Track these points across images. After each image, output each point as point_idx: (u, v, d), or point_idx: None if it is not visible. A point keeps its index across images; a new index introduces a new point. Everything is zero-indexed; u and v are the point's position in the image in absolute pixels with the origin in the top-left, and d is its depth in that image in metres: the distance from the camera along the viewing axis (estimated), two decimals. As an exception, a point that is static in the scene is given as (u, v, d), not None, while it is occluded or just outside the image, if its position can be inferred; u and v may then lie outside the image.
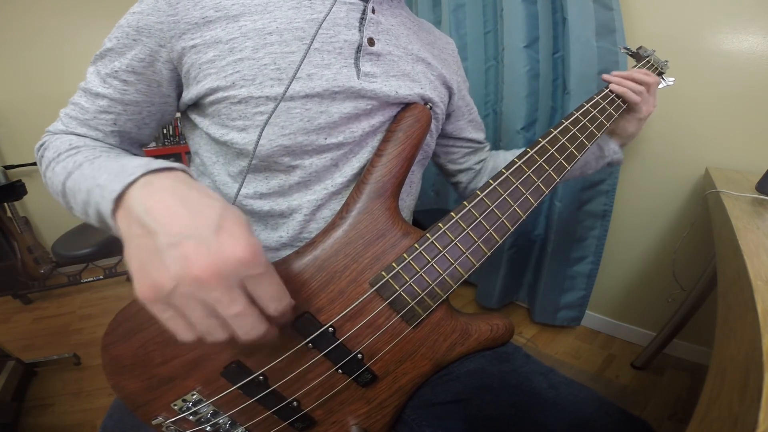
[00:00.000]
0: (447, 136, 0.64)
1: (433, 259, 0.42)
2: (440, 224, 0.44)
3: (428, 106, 0.50)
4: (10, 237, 1.68)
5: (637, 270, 1.29)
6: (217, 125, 0.44)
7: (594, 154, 0.66)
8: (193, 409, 0.40)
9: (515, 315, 1.54)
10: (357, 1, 0.45)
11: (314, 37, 0.40)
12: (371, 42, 0.45)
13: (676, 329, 1.13)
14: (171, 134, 2.11)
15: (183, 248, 0.27)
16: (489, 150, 0.70)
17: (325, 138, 0.44)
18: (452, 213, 0.44)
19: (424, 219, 0.61)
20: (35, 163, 0.48)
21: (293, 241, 0.47)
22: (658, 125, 1.10)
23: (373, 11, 0.46)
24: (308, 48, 0.40)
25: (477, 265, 0.44)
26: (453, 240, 0.43)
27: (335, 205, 0.47)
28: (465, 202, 0.45)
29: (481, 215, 0.44)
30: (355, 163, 0.47)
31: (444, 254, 0.43)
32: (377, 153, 0.46)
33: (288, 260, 0.42)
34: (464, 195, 0.71)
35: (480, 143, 0.67)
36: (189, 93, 0.44)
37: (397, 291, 0.41)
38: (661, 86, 0.70)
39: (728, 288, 0.46)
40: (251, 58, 0.41)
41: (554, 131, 0.52)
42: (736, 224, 0.56)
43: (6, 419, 1.06)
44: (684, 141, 1.09)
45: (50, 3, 1.84)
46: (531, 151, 0.49)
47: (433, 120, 0.53)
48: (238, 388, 0.39)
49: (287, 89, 0.40)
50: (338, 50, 0.43)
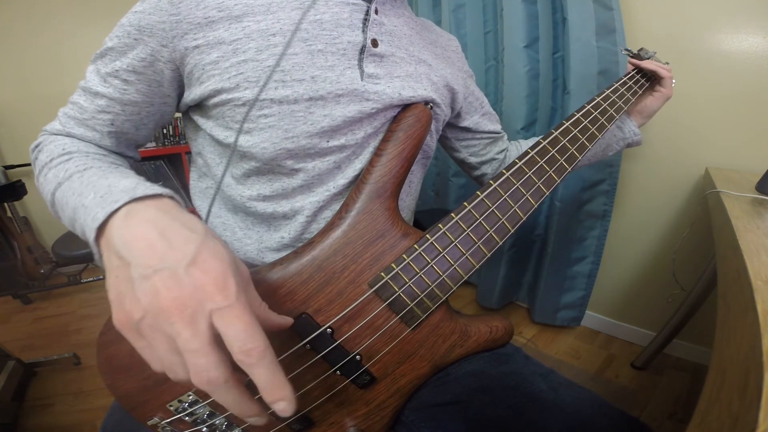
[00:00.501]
0: (467, 131, 0.65)
1: (433, 261, 0.42)
2: (440, 225, 0.43)
3: (429, 107, 0.50)
4: (10, 237, 1.69)
5: (637, 270, 1.29)
6: (221, 127, 0.44)
7: (615, 136, 0.69)
8: (189, 410, 0.40)
9: (515, 315, 1.53)
10: (360, 2, 0.45)
11: (294, 33, 0.40)
12: (375, 43, 0.45)
13: (676, 329, 1.13)
14: (171, 134, 2.11)
15: (154, 280, 0.27)
16: (507, 139, 0.72)
17: (328, 141, 0.44)
18: (452, 214, 0.44)
19: (424, 219, 0.61)
20: (33, 164, 0.48)
21: (294, 242, 0.47)
22: (659, 125, 1.10)
23: (376, 12, 0.46)
24: (285, 47, 0.39)
25: (477, 266, 0.44)
26: (453, 241, 0.43)
27: (337, 206, 0.47)
28: (465, 203, 0.45)
29: (482, 216, 0.44)
30: (357, 165, 0.47)
31: (444, 255, 0.43)
32: (377, 153, 0.46)
33: (286, 260, 0.41)
34: None
35: (498, 133, 0.69)
36: (191, 94, 0.44)
37: (396, 292, 0.41)
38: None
39: (728, 288, 0.46)
40: (255, 60, 0.40)
41: (555, 132, 0.51)
42: (736, 224, 0.56)
43: (6, 419, 1.06)
44: (684, 141, 1.09)
45: (50, 3, 1.84)
46: (532, 152, 0.49)
47: (434, 121, 0.53)
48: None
49: (261, 91, 0.40)
50: (342, 51, 0.43)
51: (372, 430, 0.44)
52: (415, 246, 0.42)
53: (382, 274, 0.41)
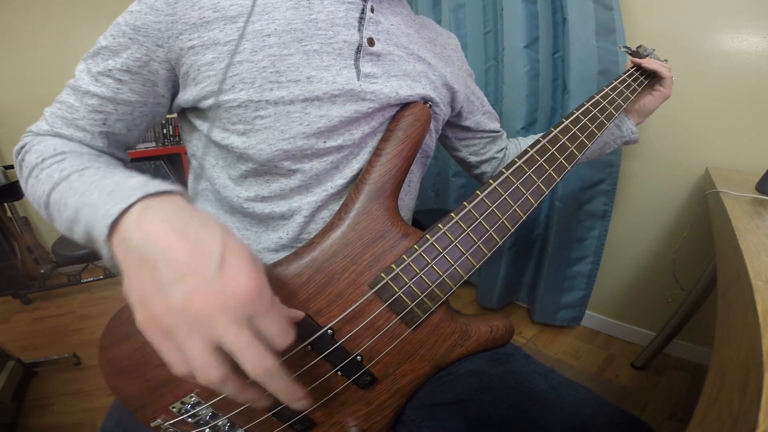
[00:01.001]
0: (468, 130, 0.65)
1: (433, 261, 0.42)
2: (440, 225, 0.43)
3: (428, 106, 0.50)
4: (10, 237, 1.69)
5: (637, 270, 1.29)
6: (218, 129, 0.44)
7: (613, 135, 0.69)
8: (192, 411, 0.40)
9: (515, 315, 1.54)
10: (356, 0, 0.45)
11: (243, 31, 0.39)
12: (371, 42, 0.45)
13: (676, 329, 1.13)
14: (171, 134, 2.11)
15: (186, 284, 0.27)
16: (506, 137, 0.72)
17: (325, 141, 0.44)
18: (452, 213, 0.44)
19: (424, 219, 0.61)
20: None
21: (293, 242, 0.47)
22: (658, 125, 1.10)
23: (372, 10, 0.45)
24: (235, 49, 0.39)
25: (477, 266, 0.44)
26: (453, 241, 0.43)
27: (335, 206, 0.47)
28: (465, 203, 0.45)
29: (482, 216, 0.44)
30: (355, 165, 0.47)
31: (444, 255, 0.43)
32: (376, 153, 0.46)
33: (286, 261, 0.41)
34: None
35: (497, 132, 0.69)
36: (186, 94, 0.43)
37: (397, 293, 0.41)
38: None
39: (728, 288, 0.46)
40: (250, 61, 0.40)
41: (554, 131, 0.51)
42: (736, 224, 0.56)
43: (6, 419, 1.06)
44: (684, 141, 1.09)
45: (50, 3, 1.84)
46: (531, 151, 0.49)
47: (433, 120, 0.53)
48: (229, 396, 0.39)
49: (220, 86, 0.40)
50: (338, 51, 0.43)
51: (373, 430, 0.44)
52: (415, 246, 0.42)
53: (383, 275, 0.41)
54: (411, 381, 0.43)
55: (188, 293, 0.27)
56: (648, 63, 0.67)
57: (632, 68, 0.69)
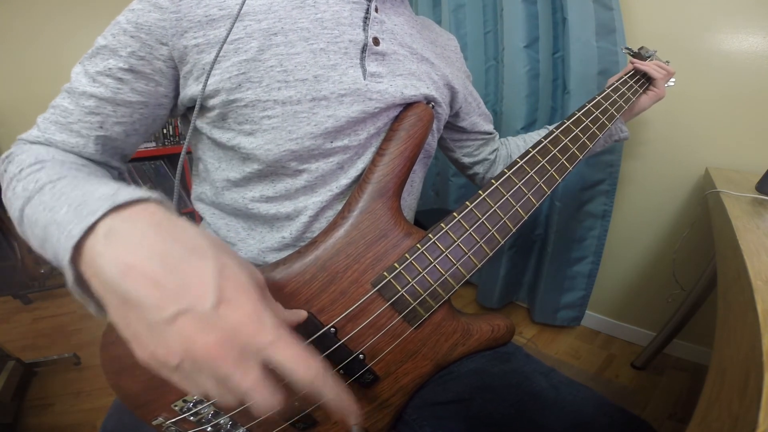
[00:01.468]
0: (463, 131, 0.65)
1: (436, 260, 0.42)
2: (442, 224, 0.44)
3: (431, 106, 0.50)
4: (10, 237, 1.68)
5: (637, 270, 1.30)
6: (223, 129, 0.43)
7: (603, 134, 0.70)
8: (194, 410, 0.40)
9: (515, 315, 1.54)
10: (360, 0, 0.45)
11: (230, 31, 0.38)
12: (376, 41, 0.45)
13: (676, 329, 1.13)
14: (171, 134, 2.11)
15: (181, 327, 0.24)
16: (498, 139, 0.73)
17: (332, 142, 0.44)
18: (454, 213, 0.44)
19: (425, 219, 0.61)
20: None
21: (296, 241, 0.47)
22: (659, 125, 1.10)
23: (377, 10, 0.46)
24: (221, 45, 0.38)
25: (479, 266, 0.44)
26: (455, 240, 0.43)
27: (339, 206, 0.47)
28: (467, 202, 0.45)
29: (484, 215, 0.44)
30: (360, 165, 0.47)
31: (446, 254, 0.43)
32: (379, 152, 0.46)
33: (289, 260, 0.42)
34: (483, 185, 0.74)
35: (491, 134, 0.69)
36: (188, 93, 0.43)
37: (399, 291, 0.41)
38: (667, 84, 0.72)
39: (728, 288, 0.46)
40: (257, 60, 0.40)
41: (556, 131, 0.52)
42: (736, 224, 0.56)
43: (6, 419, 1.06)
44: (684, 141, 1.09)
45: (50, 3, 1.84)
46: (533, 151, 0.49)
47: (435, 119, 0.53)
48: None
49: (204, 86, 0.39)
50: (344, 50, 0.43)
51: (375, 429, 0.44)
52: (418, 245, 0.43)
53: (385, 274, 0.41)
54: (413, 380, 0.44)
55: (186, 336, 0.24)
56: (639, 65, 0.69)
57: (632, 70, 0.69)
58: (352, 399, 0.28)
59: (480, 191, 0.45)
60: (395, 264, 0.42)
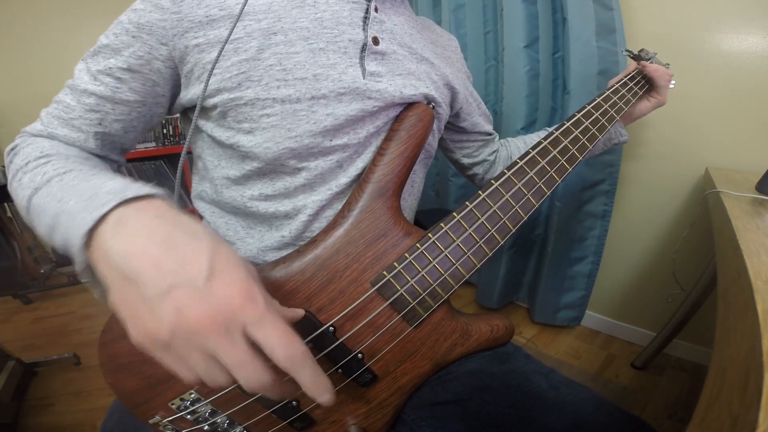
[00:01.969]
0: (464, 132, 0.65)
1: (435, 259, 0.42)
2: (442, 224, 0.44)
3: (431, 106, 0.50)
4: (10, 237, 1.69)
5: (637, 270, 1.29)
6: (223, 128, 0.44)
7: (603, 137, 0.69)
8: (191, 408, 0.40)
9: (515, 315, 1.54)
10: (360, 0, 0.45)
11: (231, 32, 0.38)
12: (376, 41, 0.45)
13: (676, 329, 1.13)
14: (171, 134, 2.11)
15: (174, 299, 0.26)
16: (498, 140, 0.73)
17: (331, 140, 0.44)
18: (454, 213, 0.44)
19: (424, 219, 0.61)
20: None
21: (295, 240, 0.47)
22: (659, 125, 1.10)
23: (376, 10, 0.46)
24: (223, 45, 0.38)
25: (478, 266, 0.44)
26: (455, 240, 0.43)
27: (339, 205, 0.47)
28: (467, 202, 0.45)
29: (483, 215, 0.44)
30: (359, 164, 0.47)
31: (446, 254, 0.43)
32: (379, 152, 0.46)
33: (289, 259, 0.42)
34: (481, 186, 0.74)
35: (491, 134, 0.69)
36: (189, 93, 0.43)
37: (399, 291, 0.41)
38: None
39: (728, 288, 0.46)
40: (256, 59, 0.40)
41: (556, 132, 0.52)
42: (736, 224, 0.56)
43: (6, 419, 1.06)
44: (684, 141, 1.09)
45: (50, 3, 1.84)
46: (533, 152, 0.49)
47: (436, 120, 0.53)
48: (237, 387, 0.39)
49: (206, 87, 0.39)
50: (343, 50, 0.43)
51: (373, 429, 0.44)
52: (417, 245, 0.43)
53: (385, 273, 0.41)
54: (411, 380, 0.44)
55: (178, 308, 0.26)
56: (648, 68, 0.67)
57: (634, 71, 0.69)
58: (330, 385, 0.30)
59: (480, 191, 0.45)
60: (395, 263, 0.42)
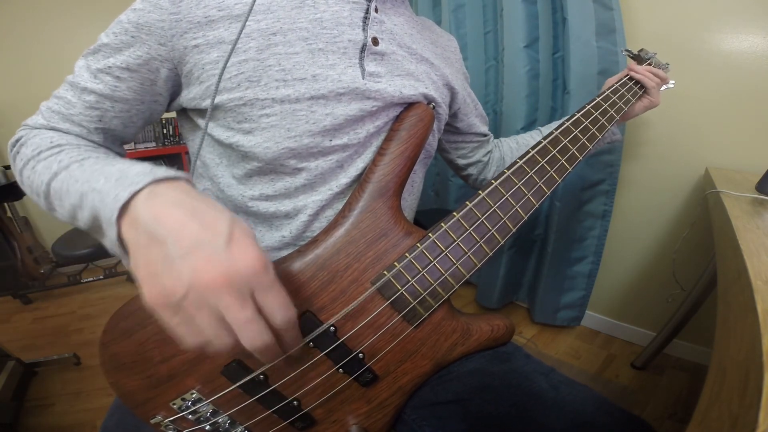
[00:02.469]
0: (459, 133, 0.65)
1: (435, 259, 0.42)
2: (442, 224, 0.44)
3: (431, 106, 0.50)
4: (10, 237, 1.68)
5: (637, 270, 1.29)
6: (222, 128, 0.44)
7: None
8: (193, 408, 0.40)
9: (515, 315, 1.54)
10: (360, 0, 0.45)
11: (248, 16, 0.39)
12: (375, 41, 0.45)
13: (676, 329, 1.13)
14: (171, 134, 2.11)
15: (194, 258, 0.28)
16: (492, 140, 0.73)
17: (330, 140, 0.44)
18: (454, 213, 0.44)
19: (424, 219, 0.61)
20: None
21: (296, 240, 0.47)
22: (659, 125, 1.10)
23: (376, 10, 0.46)
24: (232, 47, 0.39)
25: (479, 265, 0.44)
26: (455, 240, 0.43)
27: (339, 206, 0.47)
28: (467, 202, 0.45)
29: (484, 215, 0.44)
30: (360, 164, 0.47)
31: (446, 254, 0.43)
32: (380, 152, 0.46)
33: (289, 259, 0.42)
34: (475, 185, 0.75)
35: (486, 136, 0.70)
36: (189, 93, 0.44)
37: (399, 290, 0.41)
38: (662, 88, 0.72)
39: (728, 288, 0.46)
40: (256, 59, 0.40)
41: (556, 131, 0.52)
42: (736, 224, 0.56)
43: (6, 419, 1.06)
44: (684, 141, 1.09)
45: (50, 3, 1.84)
46: (533, 152, 0.49)
47: (435, 120, 0.53)
48: (238, 387, 0.39)
49: (216, 90, 0.40)
50: (343, 50, 0.43)
51: (374, 429, 0.44)
52: (418, 245, 0.43)
53: (385, 273, 0.41)
54: (412, 379, 0.44)
55: (196, 267, 0.28)
56: (635, 73, 0.68)
57: (626, 76, 0.69)
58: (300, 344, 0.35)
59: (479, 191, 0.45)
60: (395, 263, 0.42)
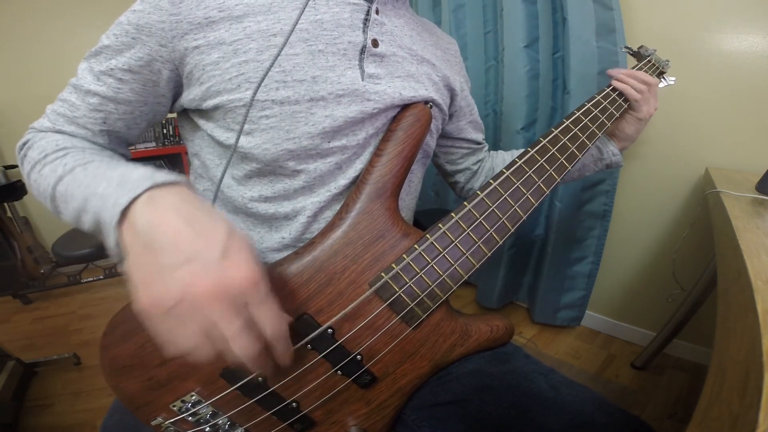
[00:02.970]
0: (446, 136, 0.64)
1: (433, 260, 0.42)
2: (440, 225, 0.43)
3: (429, 106, 0.50)
4: (10, 237, 1.68)
5: (637, 270, 1.29)
6: (222, 128, 0.44)
7: (592, 156, 0.67)
8: (192, 410, 0.40)
9: (515, 315, 1.54)
10: (361, 2, 0.45)
11: (290, 33, 0.39)
12: (375, 43, 0.45)
13: (676, 329, 1.13)
14: (171, 134, 2.11)
15: (188, 270, 0.28)
16: (487, 150, 0.70)
17: (329, 142, 0.44)
18: (452, 213, 0.44)
19: (424, 219, 0.61)
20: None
21: (295, 242, 0.47)
22: (659, 125, 1.10)
23: (377, 12, 0.46)
24: (281, 48, 0.39)
25: (477, 266, 0.44)
26: (453, 241, 0.43)
27: (338, 206, 0.47)
28: (465, 203, 0.45)
29: (482, 216, 0.44)
30: (358, 166, 0.47)
31: (444, 255, 0.43)
32: (377, 153, 0.46)
33: (287, 261, 0.42)
34: (462, 195, 0.72)
35: (478, 144, 0.67)
36: (190, 94, 0.43)
37: (397, 292, 0.41)
38: (662, 86, 0.71)
39: (728, 288, 0.46)
40: (255, 60, 0.40)
41: (555, 131, 0.52)
42: (736, 224, 0.56)
43: (6, 419, 1.06)
44: (684, 141, 1.09)
45: (50, 3, 1.84)
46: (531, 151, 0.49)
47: (434, 120, 0.53)
48: (237, 389, 0.39)
49: (256, 92, 0.40)
50: (342, 52, 0.43)
51: (373, 430, 0.44)
52: (416, 246, 0.42)
53: (383, 274, 0.41)
54: (411, 380, 0.43)
55: (190, 277, 0.28)
56: (618, 83, 0.62)
57: (609, 88, 0.63)
58: (292, 354, 0.35)
59: (478, 191, 0.45)
60: (393, 265, 0.42)
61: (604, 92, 0.61)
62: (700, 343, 1.22)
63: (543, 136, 0.51)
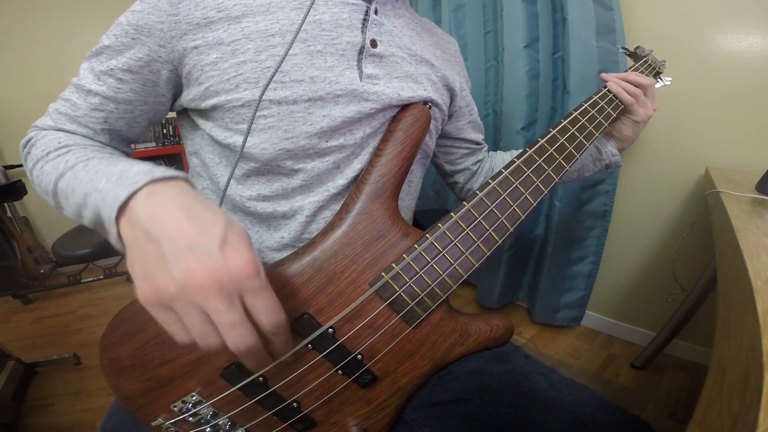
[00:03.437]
0: (445, 136, 0.63)
1: (433, 260, 0.42)
2: (440, 224, 0.44)
3: (428, 106, 0.50)
4: (10, 237, 1.68)
5: (637, 270, 1.29)
6: (221, 128, 0.44)
7: (591, 156, 0.66)
8: (193, 411, 0.40)
9: (515, 315, 1.54)
10: (360, 2, 0.45)
11: (296, 35, 0.39)
12: (374, 43, 0.45)
13: (676, 329, 1.13)
14: (171, 134, 2.11)
15: (188, 259, 0.28)
16: (487, 151, 0.70)
17: (327, 141, 0.44)
18: (452, 213, 0.44)
19: (424, 219, 0.61)
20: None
21: (294, 242, 0.47)
22: (658, 125, 1.10)
23: (376, 12, 0.46)
24: (287, 49, 0.39)
25: (477, 266, 0.44)
26: (453, 240, 0.43)
27: (336, 206, 0.47)
28: (464, 202, 0.45)
29: (481, 215, 0.44)
30: (357, 165, 0.47)
31: (444, 255, 0.43)
32: (376, 153, 0.46)
33: (287, 261, 0.42)
34: (461, 195, 0.72)
35: (478, 144, 0.67)
36: (189, 94, 0.44)
37: (397, 292, 0.41)
38: (659, 86, 0.71)
39: (728, 288, 0.46)
40: (254, 61, 0.40)
41: (553, 131, 0.52)
42: (736, 224, 0.56)
43: (6, 419, 1.06)
44: (684, 141, 1.09)
45: (50, 3, 1.84)
46: (530, 151, 0.49)
47: (433, 120, 0.53)
48: (238, 390, 0.39)
49: (262, 94, 0.40)
50: (341, 52, 0.43)
51: (374, 429, 0.44)
52: (415, 246, 0.43)
53: (383, 274, 0.41)
54: (411, 380, 0.44)
55: (190, 268, 0.28)
56: (612, 85, 0.61)
57: (604, 89, 0.63)
58: (291, 346, 0.36)
59: (477, 191, 0.45)
60: (393, 264, 0.42)
61: (601, 92, 0.61)
62: (700, 343, 1.22)
63: (541, 137, 0.51)
